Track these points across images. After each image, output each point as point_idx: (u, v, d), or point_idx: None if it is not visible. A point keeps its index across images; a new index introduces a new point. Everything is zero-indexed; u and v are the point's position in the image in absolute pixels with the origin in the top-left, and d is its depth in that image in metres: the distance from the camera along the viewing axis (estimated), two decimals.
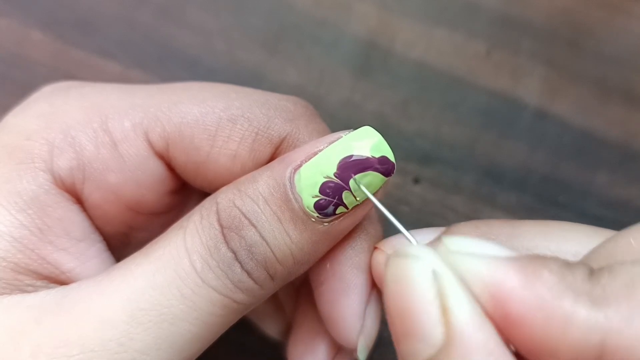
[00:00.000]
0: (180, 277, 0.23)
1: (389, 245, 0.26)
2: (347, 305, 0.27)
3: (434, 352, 0.19)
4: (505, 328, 0.19)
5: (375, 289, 0.27)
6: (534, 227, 0.25)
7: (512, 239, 0.24)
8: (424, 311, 0.19)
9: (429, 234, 0.26)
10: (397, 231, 0.27)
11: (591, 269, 0.19)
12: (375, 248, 0.27)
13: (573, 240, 0.23)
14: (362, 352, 0.27)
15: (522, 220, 0.25)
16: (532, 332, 0.18)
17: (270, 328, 0.34)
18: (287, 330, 0.32)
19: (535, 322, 0.18)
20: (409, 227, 0.25)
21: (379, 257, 0.26)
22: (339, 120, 0.41)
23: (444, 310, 0.19)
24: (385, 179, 0.24)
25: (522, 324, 0.18)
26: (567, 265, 0.19)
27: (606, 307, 0.18)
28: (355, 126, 0.25)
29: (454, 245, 0.20)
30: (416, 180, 0.40)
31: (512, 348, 0.19)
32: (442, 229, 0.26)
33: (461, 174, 0.41)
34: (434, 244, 0.23)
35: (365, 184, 0.24)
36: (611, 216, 0.40)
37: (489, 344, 0.18)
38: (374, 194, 0.24)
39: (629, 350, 0.17)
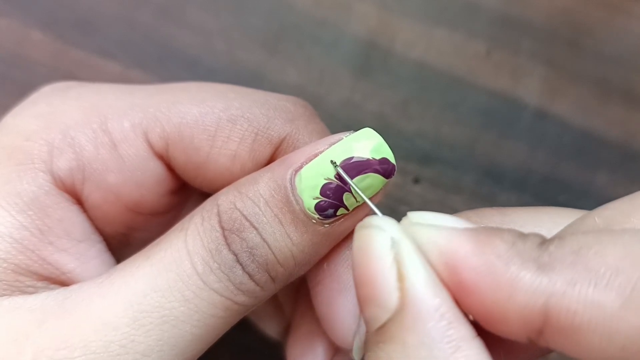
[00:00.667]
0: (181, 280, 0.23)
1: None
2: (343, 305, 0.27)
3: (389, 316, 0.19)
4: (460, 296, 0.19)
5: None
6: (525, 213, 0.25)
7: (503, 226, 0.24)
8: (381, 277, 0.19)
9: None
10: None
11: (544, 238, 0.19)
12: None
13: (564, 224, 0.23)
14: (357, 352, 0.27)
15: (513, 207, 0.25)
16: (482, 298, 0.19)
17: (270, 328, 0.34)
18: (287, 330, 0.32)
19: (485, 288, 0.19)
20: None
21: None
22: (339, 121, 0.41)
23: (400, 276, 0.19)
24: (386, 180, 0.24)
25: (474, 291, 0.19)
26: (520, 235, 0.19)
27: (550, 272, 0.18)
28: (355, 126, 0.25)
29: (416, 218, 0.21)
30: (416, 180, 0.41)
31: (471, 318, 0.19)
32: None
33: (461, 174, 0.41)
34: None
35: (365, 186, 0.24)
36: None
37: (441, 308, 0.19)
38: (374, 196, 0.24)
39: (570, 312, 0.18)
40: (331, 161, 0.24)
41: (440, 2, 0.44)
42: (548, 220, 0.24)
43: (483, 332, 0.19)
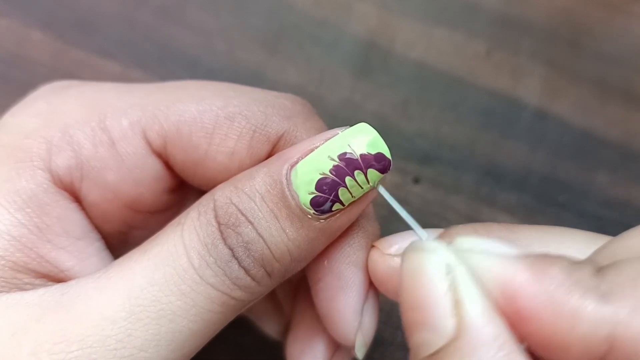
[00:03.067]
0: (178, 274, 0.23)
1: (386, 243, 0.26)
2: (344, 303, 0.27)
3: (444, 343, 0.19)
4: (517, 324, 0.19)
5: (373, 287, 0.27)
6: (532, 232, 0.25)
7: (510, 244, 0.24)
8: (436, 303, 0.19)
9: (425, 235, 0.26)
10: (396, 230, 0.27)
11: (597, 265, 0.19)
12: (372, 246, 0.27)
13: (571, 246, 0.24)
14: (360, 349, 0.27)
15: (520, 225, 0.25)
16: (542, 327, 0.19)
17: (269, 327, 0.34)
18: (286, 329, 0.32)
19: (545, 317, 0.19)
20: (408, 227, 0.25)
21: (375, 255, 0.26)
22: (339, 120, 0.41)
23: (456, 303, 0.19)
24: (382, 175, 0.24)
25: (533, 319, 0.19)
26: (574, 262, 0.19)
27: (613, 301, 0.18)
28: None
29: (466, 243, 0.21)
30: (416, 180, 0.40)
31: (525, 346, 0.19)
32: (439, 230, 0.26)
33: (461, 174, 0.41)
34: (444, 238, 0.23)
35: (360, 181, 0.24)
36: (611, 216, 0.40)
37: (499, 337, 0.19)
38: (370, 192, 0.25)
39: (636, 341, 0.18)
40: (374, 185, 0.24)
41: (440, 2, 0.44)
42: (554, 241, 0.24)
43: None
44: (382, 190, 0.25)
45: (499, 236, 0.25)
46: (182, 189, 0.29)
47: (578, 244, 0.24)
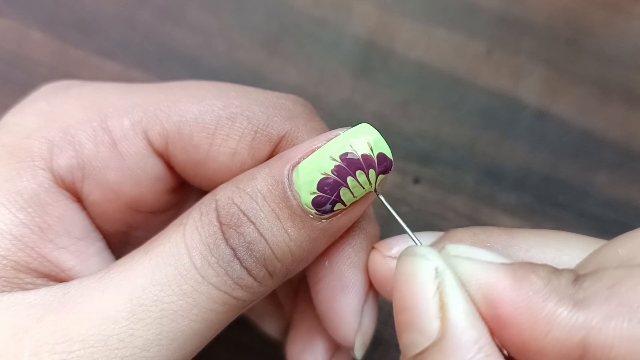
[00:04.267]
0: (180, 274, 0.23)
1: (386, 246, 0.27)
2: (344, 303, 0.27)
3: (429, 343, 0.20)
4: (497, 329, 0.20)
5: (373, 287, 0.27)
6: (531, 237, 0.25)
7: (508, 249, 0.25)
8: (424, 306, 0.20)
9: (426, 237, 0.26)
10: (398, 232, 0.27)
11: (577, 274, 0.20)
12: (372, 248, 0.27)
13: (569, 252, 0.24)
14: (359, 350, 0.27)
15: (519, 230, 0.26)
16: (519, 332, 0.19)
17: (270, 327, 0.34)
18: (286, 328, 0.32)
19: (522, 323, 0.19)
20: (408, 227, 0.25)
21: (376, 257, 0.27)
22: (338, 120, 0.41)
23: (442, 306, 0.20)
24: (383, 176, 0.24)
25: (511, 325, 0.20)
26: (554, 271, 0.20)
27: (587, 308, 0.19)
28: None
29: (455, 250, 0.22)
30: (416, 180, 0.40)
31: (505, 353, 0.20)
32: (439, 233, 0.27)
33: (461, 174, 0.41)
34: (436, 247, 0.23)
35: (362, 181, 0.24)
36: (611, 216, 0.40)
37: (480, 341, 0.20)
38: (371, 192, 0.25)
39: (607, 348, 0.18)
40: (375, 190, 0.25)
41: (440, 2, 0.44)
42: (553, 247, 0.25)
43: None
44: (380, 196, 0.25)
45: (498, 240, 0.25)
46: (183, 189, 0.29)
47: (576, 250, 0.24)
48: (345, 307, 0.27)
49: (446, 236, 0.26)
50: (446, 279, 0.20)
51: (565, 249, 0.24)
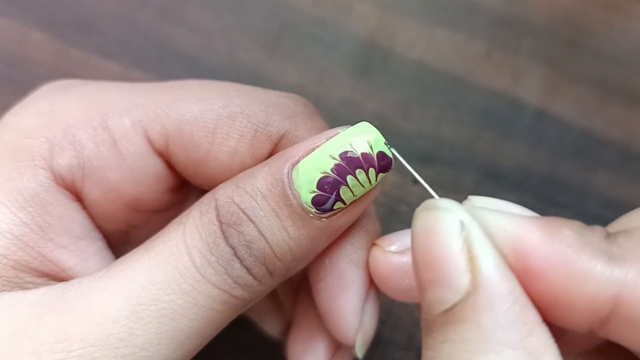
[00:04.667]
0: (180, 273, 0.23)
1: (387, 241, 0.26)
2: (345, 302, 0.27)
3: (459, 298, 0.19)
4: (525, 281, 0.20)
5: (373, 285, 0.27)
6: None
7: None
8: (451, 259, 0.20)
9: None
10: (396, 229, 0.27)
11: (608, 231, 0.20)
12: (373, 244, 0.27)
13: None
14: (360, 348, 0.27)
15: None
16: (550, 285, 0.19)
17: (270, 326, 0.34)
18: (287, 328, 0.32)
19: (554, 276, 0.19)
20: (407, 226, 0.25)
21: (377, 253, 0.26)
22: (338, 120, 0.41)
23: (471, 259, 0.19)
24: (383, 174, 0.24)
25: (542, 278, 0.19)
26: (586, 226, 0.20)
27: (622, 263, 0.19)
28: None
29: (480, 202, 0.21)
30: (416, 180, 0.40)
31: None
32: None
33: (461, 174, 0.41)
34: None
35: (361, 180, 0.24)
36: (611, 216, 0.39)
37: (513, 292, 0.19)
38: (371, 191, 0.25)
39: None
40: (385, 143, 0.24)
41: (440, 2, 0.44)
42: None
43: None
44: (395, 152, 0.25)
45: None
46: (183, 189, 0.29)
47: None
48: (346, 305, 0.27)
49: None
50: (473, 230, 0.20)
51: None
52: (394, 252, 0.26)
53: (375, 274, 0.27)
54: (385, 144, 0.24)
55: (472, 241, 0.20)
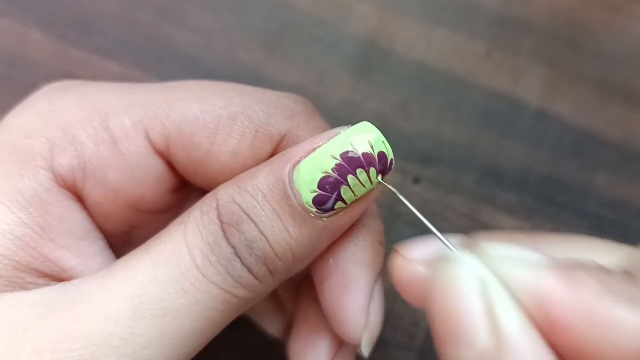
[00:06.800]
0: (181, 272, 0.23)
1: (407, 249, 0.26)
2: (351, 301, 0.27)
3: (478, 357, 0.19)
4: (550, 334, 0.19)
5: (378, 284, 0.27)
6: (553, 242, 0.24)
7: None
8: (471, 317, 0.19)
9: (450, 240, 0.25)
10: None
11: (628, 272, 0.19)
12: (395, 251, 0.26)
13: (591, 257, 0.23)
14: (366, 347, 0.27)
15: (541, 234, 0.25)
16: (576, 336, 0.18)
17: (271, 326, 0.34)
18: (288, 328, 0.32)
19: (580, 326, 0.18)
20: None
21: (399, 262, 0.25)
22: (339, 120, 0.40)
23: (492, 317, 0.19)
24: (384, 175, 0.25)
25: (567, 329, 0.18)
26: (605, 270, 0.19)
27: None
28: None
29: (494, 250, 0.20)
30: (416, 180, 0.40)
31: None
32: (459, 237, 0.26)
33: (461, 174, 0.41)
34: (471, 247, 0.22)
35: (362, 179, 0.24)
36: (611, 216, 0.40)
37: (538, 350, 0.18)
38: (372, 191, 0.25)
39: None
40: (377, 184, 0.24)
41: (440, 2, 0.44)
42: (574, 251, 0.23)
43: None
44: (402, 198, 0.25)
45: (525, 244, 0.24)
46: (184, 189, 0.29)
47: (599, 254, 0.23)
48: (352, 304, 0.27)
49: (470, 242, 0.25)
50: (492, 286, 0.19)
51: (587, 253, 0.23)
52: (417, 262, 0.25)
53: (398, 284, 0.26)
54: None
55: (493, 298, 0.19)
